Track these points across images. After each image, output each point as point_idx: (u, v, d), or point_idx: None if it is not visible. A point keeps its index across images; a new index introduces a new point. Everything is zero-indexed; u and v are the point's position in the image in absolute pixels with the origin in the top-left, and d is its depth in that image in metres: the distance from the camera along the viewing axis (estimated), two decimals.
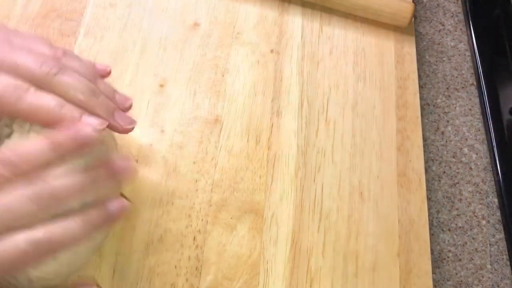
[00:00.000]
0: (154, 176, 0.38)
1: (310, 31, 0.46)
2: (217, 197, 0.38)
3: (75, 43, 0.42)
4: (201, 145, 0.40)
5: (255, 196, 0.39)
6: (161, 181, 0.38)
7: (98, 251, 0.35)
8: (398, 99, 0.45)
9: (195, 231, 0.37)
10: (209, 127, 0.41)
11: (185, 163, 0.39)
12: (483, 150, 0.47)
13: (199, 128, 0.41)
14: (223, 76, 0.43)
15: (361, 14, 0.47)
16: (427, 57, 0.51)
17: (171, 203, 0.38)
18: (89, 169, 0.27)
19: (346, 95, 0.44)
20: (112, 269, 0.35)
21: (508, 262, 0.43)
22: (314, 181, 0.40)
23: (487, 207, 0.45)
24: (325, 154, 0.41)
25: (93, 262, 0.35)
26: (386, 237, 0.39)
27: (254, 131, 0.41)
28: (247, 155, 0.40)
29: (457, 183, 0.46)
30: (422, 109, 0.48)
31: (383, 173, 0.42)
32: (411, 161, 0.43)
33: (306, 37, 0.46)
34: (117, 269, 0.35)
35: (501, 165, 0.46)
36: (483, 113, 0.49)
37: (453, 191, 0.45)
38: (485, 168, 0.47)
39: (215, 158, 0.40)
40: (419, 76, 0.49)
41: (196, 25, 0.45)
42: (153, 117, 0.41)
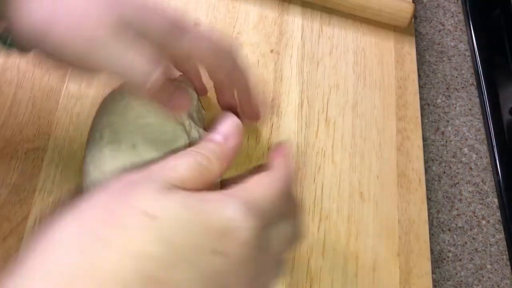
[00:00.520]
0: None
1: (310, 31, 0.46)
2: None
3: None
4: None
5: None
6: None
7: None
8: (398, 99, 0.45)
9: None
10: None
11: None
12: (483, 150, 0.47)
13: None
14: None
15: (361, 14, 0.47)
16: (427, 57, 0.51)
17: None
18: None
19: (346, 95, 0.44)
20: None
21: (508, 262, 0.43)
22: (314, 181, 0.40)
23: (487, 207, 0.45)
24: (325, 154, 0.41)
25: None
26: (386, 237, 0.39)
27: (254, 131, 0.41)
28: (247, 155, 0.40)
29: (457, 183, 0.46)
30: (422, 109, 0.48)
31: (383, 173, 0.42)
32: (411, 161, 0.43)
33: (306, 37, 0.46)
34: None
35: (501, 165, 0.46)
36: (483, 113, 0.49)
37: (453, 191, 0.45)
38: (485, 168, 0.47)
39: None
40: (419, 76, 0.49)
41: (196, 25, 0.45)
42: None
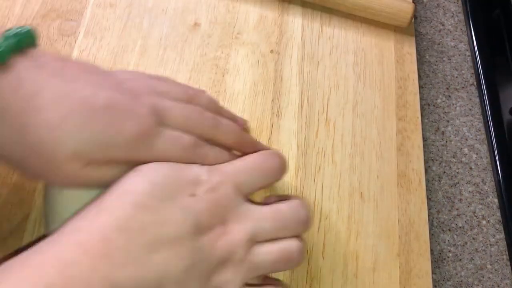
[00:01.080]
0: None
1: (310, 31, 0.46)
2: None
3: (75, 43, 0.42)
4: None
5: (255, 196, 0.39)
6: None
7: None
8: (398, 99, 0.45)
9: None
10: None
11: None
12: (483, 150, 0.47)
13: None
14: (223, 76, 0.43)
15: (361, 14, 0.47)
16: (427, 57, 0.51)
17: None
18: None
19: (346, 95, 0.44)
20: None
21: (508, 262, 0.43)
22: (314, 181, 0.40)
23: (487, 207, 0.45)
24: (325, 154, 0.41)
25: None
26: (386, 237, 0.39)
27: (254, 131, 0.41)
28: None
29: (457, 183, 0.46)
30: (422, 109, 0.48)
31: (383, 173, 0.42)
32: (411, 161, 0.43)
33: (306, 37, 0.46)
34: None
35: (501, 165, 0.46)
36: (483, 113, 0.49)
37: (453, 191, 0.45)
38: (485, 168, 0.47)
39: None
40: (419, 76, 0.49)
41: (196, 25, 0.45)
42: None
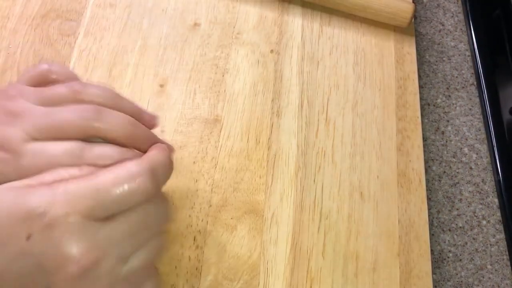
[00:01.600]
0: None
1: (310, 31, 0.46)
2: (217, 197, 0.38)
3: (75, 43, 0.42)
4: (201, 145, 0.40)
5: (255, 196, 0.39)
6: None
7: None
8: (398, 99, 0.45)
9: (195, 231, 0.37)
10: (209, 127, 0.41)
11: (185, 163, 0.39)
12: (483, 150, 0.47)
13: (199, 128, 0.41)
14: (223, 76, 0.43)
15: (361, 14, 0.47)
16: (427, 57, 0.51)
17: (171, 203, 0.38)
18: None
19: (346, 95, 0.44)
20: None
21: (508, 262, 0.43)
22: (314, 181, 0.40)
23: (487, 207, 0.45)
24: (325, 154, 0.41)
25: None
26: (386, 237, 0.39)
27: (254, 131, 0.41)
28: (247, 155, 0.40)
29: (457, 183, 0.46)
30: (422, 109, 0.48)
31: (383, 173, 0.42)
32: (411, 161, 0.43)
33: (306, 37, 0.46)
34: None
35: (501, 165, 0.46)
36: (483, 113, 0.49)
37: (453, 191, 0.45)
38: (485, 168, 0.47)
39: (215, 158, 0.40)
40: (419, 76, 0.49)
41: (196, 25, 0.45)
42: None
